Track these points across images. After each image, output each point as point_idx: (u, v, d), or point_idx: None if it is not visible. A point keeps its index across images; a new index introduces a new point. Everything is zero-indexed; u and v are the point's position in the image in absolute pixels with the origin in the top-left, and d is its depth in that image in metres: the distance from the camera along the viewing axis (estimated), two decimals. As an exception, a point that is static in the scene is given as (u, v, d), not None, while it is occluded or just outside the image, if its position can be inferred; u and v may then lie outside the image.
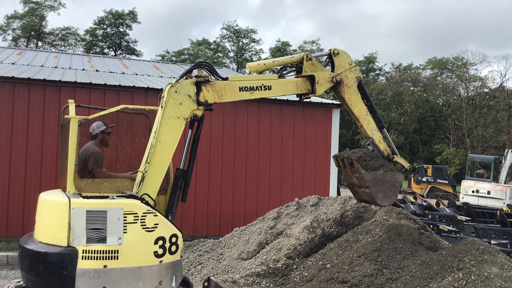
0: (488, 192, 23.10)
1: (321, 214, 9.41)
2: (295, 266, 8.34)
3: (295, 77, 6.16)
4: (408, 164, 6.94)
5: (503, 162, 24.05)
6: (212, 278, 6.12)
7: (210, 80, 5.30)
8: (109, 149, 5.96)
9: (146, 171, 4.75)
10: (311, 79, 6.09)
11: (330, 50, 6.41)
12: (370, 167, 6.47)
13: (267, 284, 7.99)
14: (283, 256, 8.65)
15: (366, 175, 6.46)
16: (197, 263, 9.47)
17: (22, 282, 5.07)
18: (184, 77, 5.20)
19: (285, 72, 6.16)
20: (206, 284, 6.03)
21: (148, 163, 4.76)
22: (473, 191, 23.78)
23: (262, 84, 5.66)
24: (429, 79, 58.77)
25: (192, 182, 10.95)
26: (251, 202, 13.14)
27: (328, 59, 6.49)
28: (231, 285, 7.85)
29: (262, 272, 8.21)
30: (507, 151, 24.20)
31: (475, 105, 52.88)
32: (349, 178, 6.96)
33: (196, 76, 5.23)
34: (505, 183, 23.67)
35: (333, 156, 7.34)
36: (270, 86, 5.72)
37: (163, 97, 5.01)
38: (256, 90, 5.61)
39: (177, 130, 4.94)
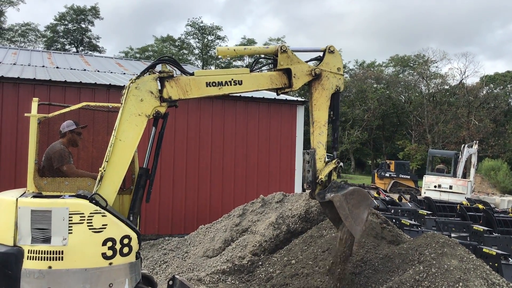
0: (450, 187, 23.62)
1: (286, 211, 9.46)
2: (260, 263, 8.36)
3: (270, 71, 5.76)
4: (333, 166, 5.83)
5: (460, 157, 24.64)
6: (177, 276, 6.05)
7: (175, 75, 5.07)
8: (74, 148, 5.81)
9: (104, 170, 4.64)
10: (288, 72, 5.67)
11: (327, 46, 5.90)
12: (351, 216, 5.54)
13: (232, 281, 7.98)
14: (249, 253, 8.66)
15: (356, 230, 5.57)
16: (162, 262, 9.39)
17: None
18: (147, 73, 5.00)
19: (257, 66, 5.73)
20: (171, 282, 5.94)
21: (107, 161, 4.65)
22: (435, 186, 24.26)
23: (232, 79, 5.30)
24: (392, 77, 59.84)
25: (157, 181, 10.84)
26: (217, 199, 13.10)
27: (321, 56, 5.93)
28: (196, 283, 7.81)
29: (228, 270, 8.20)
30: (463, 147, 24.83)
31: (436, 101, 54.13)
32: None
33: (159, 72, 5.00)
34: (462, 177, 24.30)
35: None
36: (241, 80, 5.37)
37: (124, 93, 4.88)
38: (225, 85, 5.26)
39: (138, 128, 4.79)
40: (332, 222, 6.12)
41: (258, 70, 5.76)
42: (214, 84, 5.24)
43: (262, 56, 5.94)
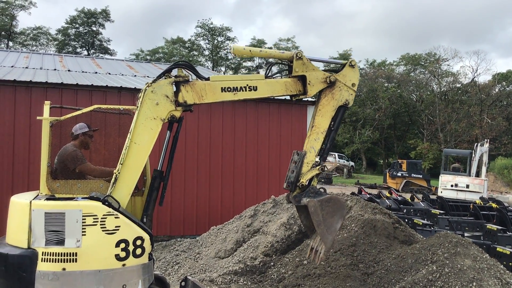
0: (467, 186, 23.49)
1: (297, 211, 9.45)
2: (272, 263, 8.36)
3: (285, 77, 5.73)
4: (316, 172, 5.69)
5: (473, 156, 24.49)
6: (189, 277, 6.09)
7: (190, 80, 5.11)
8: (85, 150, 5.86)
9: (119, 172, 4.68)
10: (303, 79, 5.62)
11: (349, 60, 5.87)
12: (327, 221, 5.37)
13: (244, 282, 7.99)
14: (260, 253, 8.67)
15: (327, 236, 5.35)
16: (174, 263, 9.43)
17: None
18: (163, 77, 5.05)
19: (272, 73, 5.69)
20: (183, 283, 5.98)
21: (122, 164, 4.69)
22: (451, 185, 24.14)
23: (247, 85, 5.33)
24: (403, 75, 59.48)
25: (168, 182, 10.88)
26: (228, 200, 13.13)
27: (338, 67, 5.89)
28: (208, 284, 7.83)
29: (240, 270, 8.22)
30: (476, 145, 24.65)
31: (448, 100, 53.76)
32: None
33: (175, 76, 5.05)
34: (476, 176, 24.13)
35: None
36: (256, 87, 5.38)
37: (140, 97, 4.92)
38: (240, 91, 5.28)
39: (153, 131, 4.83)
40: (306, 229, 5.96)
41: (274, 76, 5.71)
42: (229, 89, 5.26)
43: (277, 61, 5.87)
